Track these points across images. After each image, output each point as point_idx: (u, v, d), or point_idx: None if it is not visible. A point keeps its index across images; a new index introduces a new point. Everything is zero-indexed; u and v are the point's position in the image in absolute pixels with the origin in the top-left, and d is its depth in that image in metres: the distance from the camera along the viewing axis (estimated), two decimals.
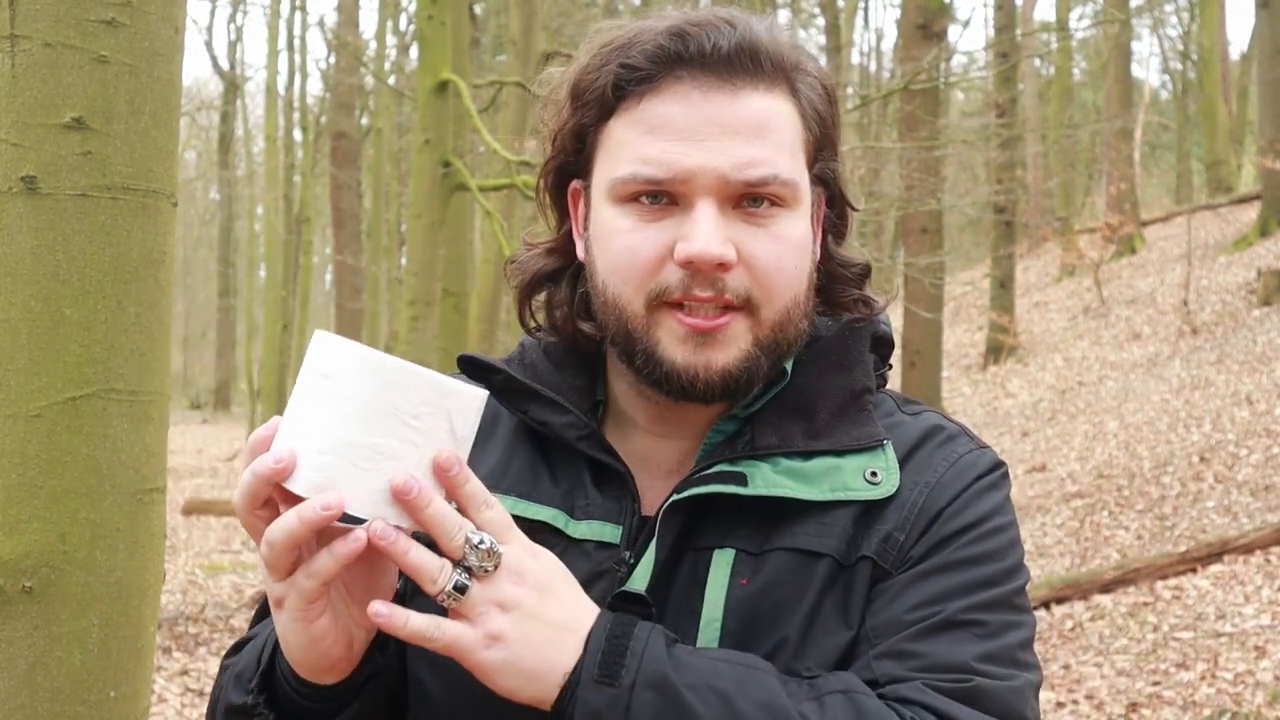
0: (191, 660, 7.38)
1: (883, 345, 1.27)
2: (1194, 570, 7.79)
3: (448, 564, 0.98)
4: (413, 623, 0.98)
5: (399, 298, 11.34)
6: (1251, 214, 19.87)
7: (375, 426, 0.96)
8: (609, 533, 1.16)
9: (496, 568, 0.99)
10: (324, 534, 0.99)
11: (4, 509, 1.81)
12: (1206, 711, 5.62)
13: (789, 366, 1.20)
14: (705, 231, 1.09)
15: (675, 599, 1.13)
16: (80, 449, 1.84)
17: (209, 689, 6.80)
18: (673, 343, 1.13)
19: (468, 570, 0.98)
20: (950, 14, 23.25)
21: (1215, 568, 7.74)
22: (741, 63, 1.11)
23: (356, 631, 1.06)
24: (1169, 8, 29.96)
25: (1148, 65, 51.17)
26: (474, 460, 1.20)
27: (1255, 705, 5.61)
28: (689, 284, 1.11)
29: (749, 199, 1.12)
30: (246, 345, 32.82)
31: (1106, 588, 7.74)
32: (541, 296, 1.28)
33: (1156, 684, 6.11)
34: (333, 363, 0.97)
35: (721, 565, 1.12)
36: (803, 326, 1.18)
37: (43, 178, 1.81)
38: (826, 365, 1.21)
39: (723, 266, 1.10)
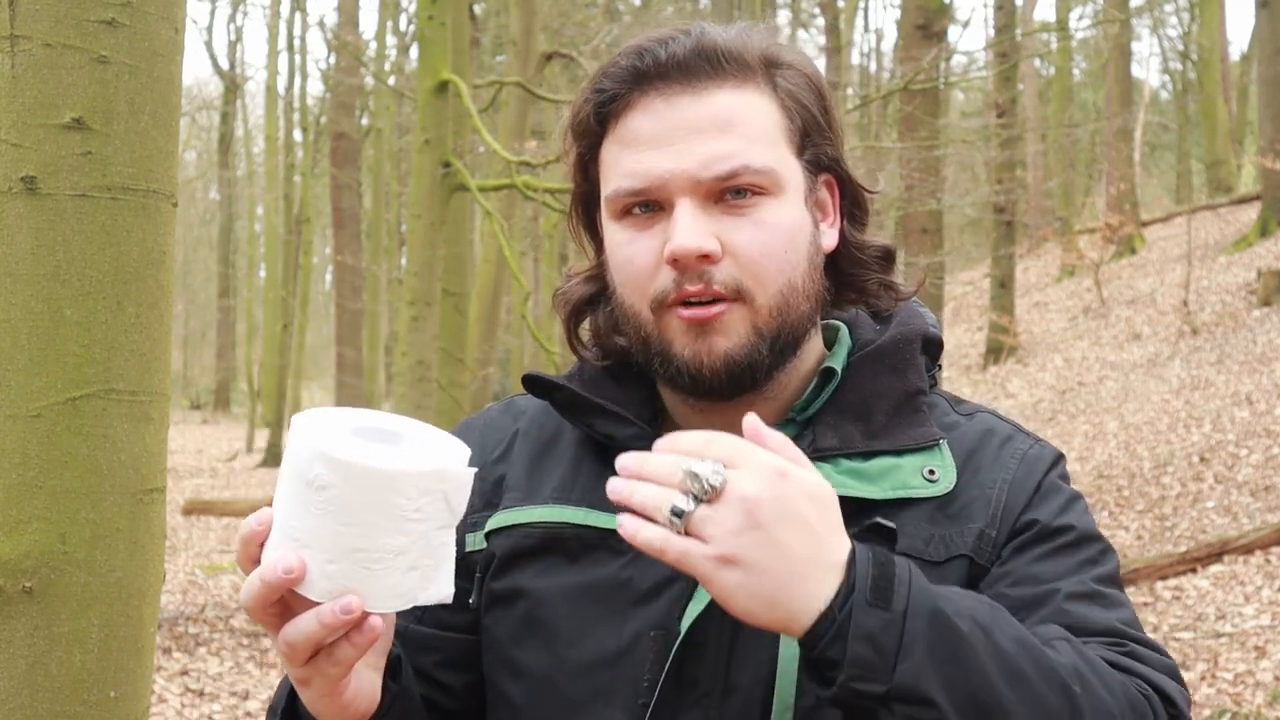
0: (191, 660, 7.38)
1: (932, 346, 1.30)
2: (1194, 570, 7.79)
3: (673, 493, 0.97)
4: (643, 533, 0.97)
5: (399, 298, 11.35)
6: (1251, 214, 19.87)
7: (379, 530, 0.98)
8: None
9: (720, 491, 0.96)
10: None
11: (4, 509, 1.81)
12: (1206, 711, 5.61)
13: (839, 366, 1.23)
14: (683, 228, 1.14)
15: None
16: (80, 449, 1.84)
17: (209, 689, 6.82)
18: (678, 338, 1.17)
19: (694, 499, 0.97)
20: (950, 14, 23.25)
21: (1215, 568, 7.74)
22: (700, 66, 1.16)
23: (374, 677, 1.09)
24: (1169, 8, 29.96)
25: (1148, 65, 51.31)
26: (538, 476, 1.26)
27: (1255, 705, 5.61)
28: (680, 281, 1.15)
29: (731, 192, 1.15)
30: (246, 345, 32.83)
31: None
32: (587, 325, 1.33)
33: None
34: (326, 474, 0.97)
35: None
36: (806, 310, 1.20)
37: (43, 178, 1.81)
38: (880, 369, 1.24)
39: (706, 258, 1.14)
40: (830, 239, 1.25)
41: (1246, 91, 29.46)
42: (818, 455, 1.18)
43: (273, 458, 21.65)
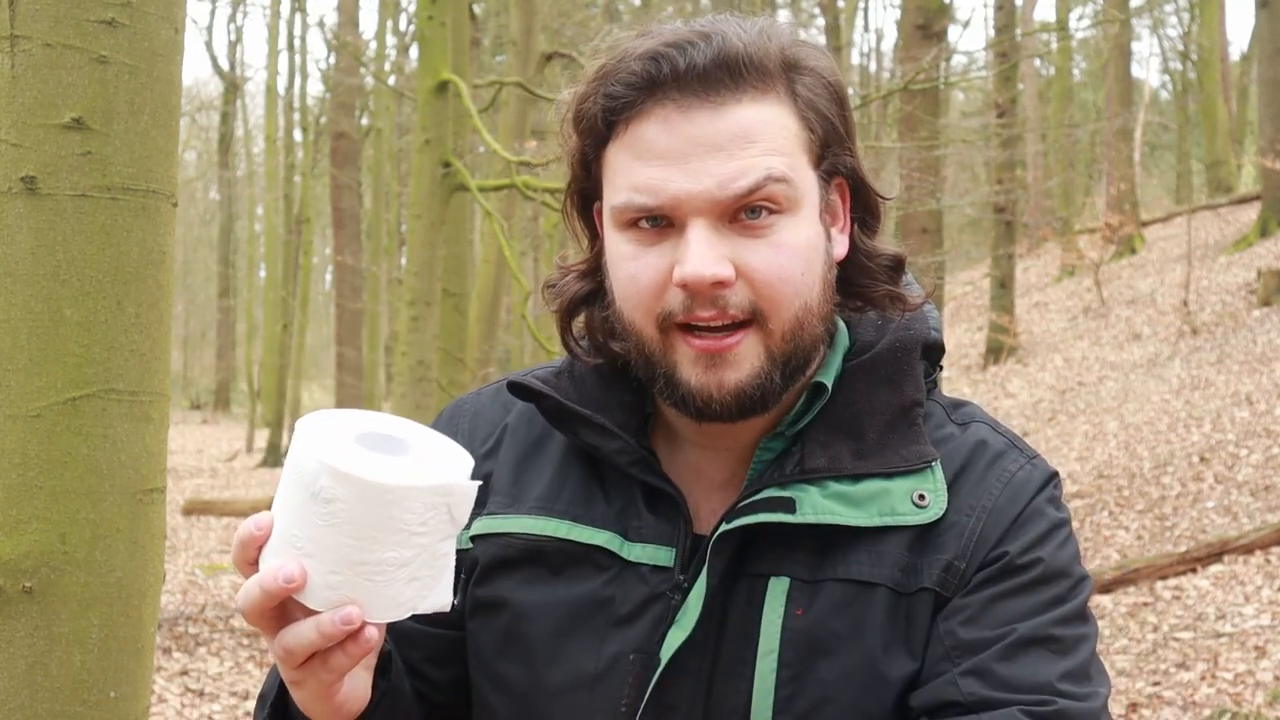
0: (191, 660, 7.37)
1: (933, 350, 1.26)
2: (1194, 570, 7.79)
3: None
4: None
5: (399, 298, 11.35)
6: (1251, 214, 19.87)
7: (383, 544, 0.98)
8: (663, 556, 1.17)
9: None
10: None
11: (4, 509, 1.81)
12: (1206, 711, 5.62)
13: (829, 382, 1.19)
14: (697, 253, 1.09)
15: (732, 624, 1.14)
16: (80, 449, 1.84)
17: (209, 689, 6.82)
18: (687, 364, 1.13)
19: None
20: (950, 14, 23.25)
21: (1215, 568, 7.74)
22: (719, 77, 1.10)
23: (365, 676, 1.09)
24: (1169, 8, 29.97)
25: (1148, 65, 51.37)
26: (524, 481, 1.24)
27: (1255, 705, 5.61)
28: (690, 305, 1.11)
29: (746, 211, 1.11)
30: (246, 345, 32.85)
31: (1107, 588, 7.74)
32: (581, 319, 1.28)
33: (1156, 684, 6.11)
34: (332, 488, 0.97)
35: (777, 594, 1.13)
36: (819, 332, 1.17)
37: (43, 178, 1.81)
38: (876, 381, 1.20)
39: (720, 284, 1.09)
40: (841, 246, 1.21)
41: (1246, 91, 29.47)
42: (805, 477, 1.15)
43: (273, 457, 21.68)
